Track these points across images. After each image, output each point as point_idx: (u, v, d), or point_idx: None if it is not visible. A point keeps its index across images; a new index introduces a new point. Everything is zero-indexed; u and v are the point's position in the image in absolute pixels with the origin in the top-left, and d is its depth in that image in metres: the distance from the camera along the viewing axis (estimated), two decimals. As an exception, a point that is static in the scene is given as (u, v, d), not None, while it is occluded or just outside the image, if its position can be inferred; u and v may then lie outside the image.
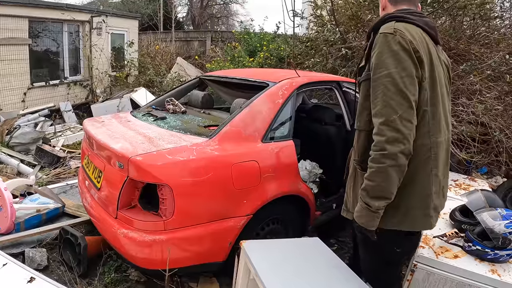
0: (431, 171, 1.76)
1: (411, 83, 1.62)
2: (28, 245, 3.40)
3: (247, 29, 11.18)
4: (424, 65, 1.67)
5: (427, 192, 1.77)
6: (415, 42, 1.66)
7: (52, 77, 8.80)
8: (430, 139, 1.73)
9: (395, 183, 1.66)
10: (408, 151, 1.62)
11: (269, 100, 3.07)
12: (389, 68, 1.63)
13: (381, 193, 1.67)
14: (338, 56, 5.71)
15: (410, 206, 1.77)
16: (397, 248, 1.92)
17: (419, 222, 1.80)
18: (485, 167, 5.02)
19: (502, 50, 4.98)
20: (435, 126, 1.74)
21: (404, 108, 1.60)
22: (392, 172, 1.62)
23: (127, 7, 20.12)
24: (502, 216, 2.54)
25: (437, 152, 1.76)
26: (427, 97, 1.70)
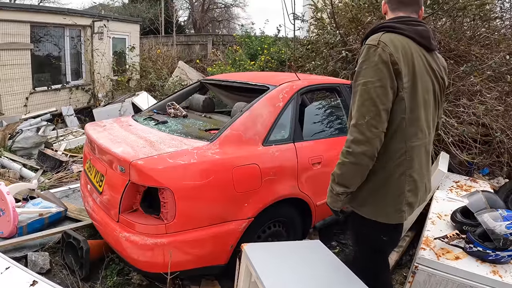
0: (405, 172, 1.88)
1: (383, 93, 1.74)
2: (31, 249, 3.41)
3: (248, 32, 11.19)
4: (402, 76, 1.77)
5: (401, 191, 1.90)
6: (397, 54, 1.76)
7: (54, 81, 8.84)
8: (406, 144, 1.85)
9: (356, 177, 1.86)
10: (370, 153, 1.77)
11: (270, 104, 3.09)
12: (366, 77, 1.76)
13: (342, 181, 1.88)
14: (338, 59, 5.72)
15: (384, 204, 1.92)
16: (384, 236, 2.05)
17: (391, 217, 1.93)
18: (487, 168, 5.01)
19: (503, 51, 4.98)
20: (412, 132, 1.86)
21: (372, 114, 1.74)
22: (353, 168, 1.82)
23: (129, 11, 20.18)
24: (503, 217, 2.54)
25: (412, 155, 1.88)
26: (405, 106, 1.81)
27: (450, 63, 5.07)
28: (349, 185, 1.88)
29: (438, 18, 5.40)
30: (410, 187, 1.91)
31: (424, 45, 1.91)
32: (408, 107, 1.81)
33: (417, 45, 1.88)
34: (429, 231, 2.94)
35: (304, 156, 3.17)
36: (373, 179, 1.91)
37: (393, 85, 1.76)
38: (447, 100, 4.68)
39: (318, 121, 3.75)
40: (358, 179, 1.87)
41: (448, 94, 4.70)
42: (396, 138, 1.84)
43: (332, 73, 5.76)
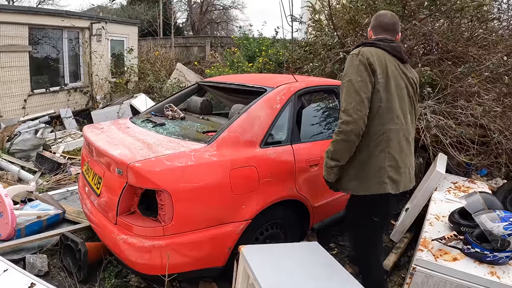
0: (384, 149, 2.33)
1: (364, 86, 2.27)
2: (29, 251, 3.41)
3: (246, 34, 11.19)
4: (377, 74, 2.30)
5: (381, 165, 2.34)
6: (372, 59, 2.31)
7: (52, 83, 8.83)
8: (383, 127, 2.32)
9: (345, 152, 2.33)
10: (356, 131, 2.24)
11: (267, 106, 3.09)
12: (351, 76, 2.30)
13: (335, 156, 2.37)
14: (336, 60, 5.72)
15: (367, 177, 2.37)
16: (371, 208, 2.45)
17: (373, 188, 2.35)
18: (485, 169, 5.02)
19: (500, 52, 4.98)
20: (388, 117, 2.33)
21: (356, 101, 2.24)
22: (343, 144, 2.29)
23: (127, 13, 20.22)
24: (501, 218, 2.56)
25: (390, 136, 2.33)
26: (381, 96, 2.31)
27: (447, 64, 5.08)
28: (339, 158, 2.36)
29: (436, 19, 5.40)
30: (390, 163, 2.34)
31: (398, 57, 2.46)
32: (383, 98, 2.31)
33: (392, 57, 2.43)
34: (427, 232, 2.94)
35: (301, 158, 3.17)
36: (358, 157, 2.36)
37: (371, 79, 2.29)
38: (445, 101, 4.68)
39: (315, 122, 3.75)
40: (347, 154, 2.34)
41: (445, 95, 4.71)
42: (375, 122, 2.32)
43: (330, 74, 5.76)
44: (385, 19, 2.57)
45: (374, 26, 2.61)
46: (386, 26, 2.55)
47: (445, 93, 4.70)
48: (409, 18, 5.15)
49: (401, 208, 4.11)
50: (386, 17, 2.59)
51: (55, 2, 24.90)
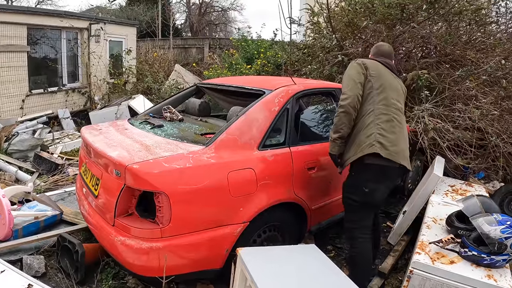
0: (373, 121, 2.80)
1: (357, 76, 2.88)
2: (26, 252, 3.40)
3: (244, 36, 11.19)
4: (369, 69, 2.91)
5: (371, 132, 2.78)
6: (366, 62, 2.98)
7: (51, 84, 8.80)
8: (374, 106, 2.83)
9: (345, 123, 2.82)
10: (352, 104, 2.78)
11: (265, 108, 3.10)
12: (347, 72, 2.97)
13: (336, 128, 2.86)
14: (334, 63, 5.74)
15: (359, 143, 2.81)
16: (368, 177, 2.85)
17: (365, 149, 2.75)
18: (482, 172, 5.04)
19: (498, 55, 5.01)
20: (379, 100, 2.85)
21: (351, 84, 2.84)
22: (343, 116, 2.81)
23: (126, 14, 20.20)
24: (498, 221, 2.57)
25: (379, 113, 2.82)
26: (372, 85, 2.88)
27: (445, 68, 5.10)
28: (341, 129, 2.84)
29: (434, 22, 5.42)
30: (379, 132, 2.76)
31: (391, 70, 3.08)
32: (375, 86, 2.87)
33: (386, 68, 3.04)
34: (424, 235, 2.95)
35: (299, 160, 3.19)
36: (353, 131, 2.87)
37: (364, 72, 2.90)
38: (442, 104, 4.70)
39: (313, 125, 3.77)
40: (347, 125, 2.82)
41: (443, 98, 4.72)
42: (368, 103, 2.86)
43: (328, 77, 5.77)
44: (383, 48, 3.23)
45: (374, 53, 3.22)
46: (383, 53, 3.18)
47: (443, 96, 4.71)
48: (407, 21, 5.16)
49: (398, 211, 4.12)
50: (384, 46, 3.27)
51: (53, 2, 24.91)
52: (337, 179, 3.35)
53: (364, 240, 2.92)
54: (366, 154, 2.75)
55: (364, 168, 2.83)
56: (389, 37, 5.27)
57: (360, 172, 2.88)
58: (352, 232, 2.96)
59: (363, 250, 2.91)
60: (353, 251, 2.95)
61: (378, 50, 3.21)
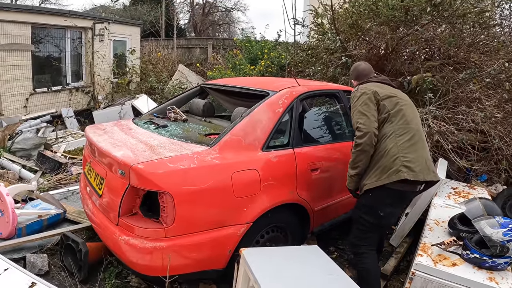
0: (396, 143, 2.69)
1: (367, 108, 2.77)
2: (29, 251, 3.42)
3: (248, 37, 11.20)
4: (378, 93, 2.83)
5: (395, 156, 2.66)
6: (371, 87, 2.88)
7: (54, 83, 8.86)
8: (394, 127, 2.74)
9: (362, 160, 2.74)
10: (369, 141, 2.68)
11: (269, 109, 3.11)
12: (355, 105, 2.85)
13: (354, 165, 2.80)
14: (338, 64, 5.74)
15: (383, 169, 2.68)
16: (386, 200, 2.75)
17: (392, 176, 2.63)
18: (485, 174, 5.03)
19: (502, 58, 5.01)
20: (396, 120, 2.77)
21: (365, 119, 2.73)
22: (360, 154, 2.72)
23: (129, 14, 20.22)
24: (500, 224, 2.57)
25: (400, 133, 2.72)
26: (387, 108, 2.79)
27: (449, 70, 5.10)
28: (357, 167, 2.77)
29: (438, 25, 5.42)
30: (403, 155, 2.65)
31: (388, 84, 3.04)
32: (389, 108, 2.79)
33: (380, 83, 3.01)
34: (427, 237, 2.96)
35: (303, 162, 3.19)
36: (374, 156, 2.74)
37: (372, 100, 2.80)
38: (446, 106, 4.70)
39: (317, 127, 3.78)
40: (365, 162, 2.74)
41: (447, 101, 4.73)
42: (386, 125, 2.77)
43: (332, 78, 5.78)
44: (362, 67, 3.21)
45: (356, 77, 3.21)
46: (367, 72, 3.17)
47: (446, 99, 4.72)
48: (411, 23, 5.16)
49: (401, 213, 4.12)
50: (361, 65, 3.24)
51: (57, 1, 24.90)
52: (340, 181, 3.36)
53: (370, 255, 2.87)
54: None
55: (384, 193, 2.71)
56: (393, 39, 5.27)
57: (379, 196, 2.74)
58: (358, 248, 2.90)
59: (371, 266, 2.85)
60: (361, 267, 2.89)
61: (359, 72, 3.20)
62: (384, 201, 2.74)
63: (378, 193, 2.72)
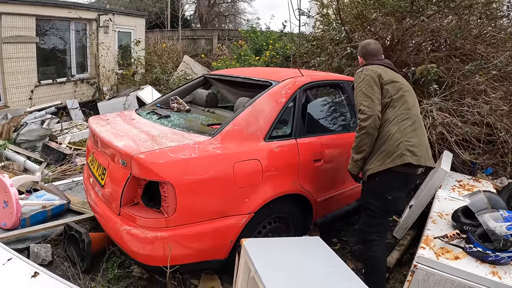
0: (399, 128, 2.72)
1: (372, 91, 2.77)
2: (33, 241, 3.45)
3: (253, 27, 11.15)
4: (382, 77, 2.83)
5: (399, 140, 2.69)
6: (376, 70, 2.87)
7: (59, 75, 8.89)
8: (396, 113, 2.76)
9: (367, 144, 2.75)
10: (373, 124, 2.69)
11: (272, 99, 3.09)
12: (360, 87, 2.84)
13: (358, 149, 2.81)
14: (343, 55, 5.70)
15: (388, 153, 2.71)
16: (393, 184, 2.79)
17: (396, 160, 2.68)
18: (490, 167, 4.99)
19: (509, 50, 4.97)
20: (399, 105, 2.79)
21: (369, 102, 2.73)
22: (364, 137, 2.73)
23: (135, 5, 20.20)
24: (504, 218, 2.54)
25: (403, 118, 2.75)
26: (390, 92, 2.80)
27: (455, 62, 5.05)
28: (363, 150, 2.78)
29: (444, 15, 5.36)
30: (406, 140, 2.69)
31: (391, 69, 3.02)
32: (392, 93, 2.80)
33: (388, 68, 2.98)
34: (430, 230, 2.93)
35: (305, 152, 3.18)
36: (377, 140, 2.76)
37: (377, 83, 2.80)
38: (451, 98, 4.66)
39: (320, 117, 3.75)
40: (369, 145, 2.75)
41: (452, 92, 4.69)
42: (389, 110, 2.78)
43: (337, 69, 5.75)
44: (372, 47, 3.15)
45: (364, 54, 3.17)
46: (375, 52, 3.13)
47: (452, 91, 4.68)
48: (417, 14, 5.11)
49: (405, 205, 4.10)
50: (371, 44, 3.18)
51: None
52: (344, 171, 3.33)
53: (380, 243, 2.89)
54: None
55: (391, 177, 2.75)
56: (399, 30, 5.22)
57: (386, 180, 2.77)
58: (368, 235, 2.90)
59: (380, 254, 2.87)
60: (370, 255, 2.88)
61: (368, 50, 3.15)
62: (392, 185, 2.78)
63: (384, 177, 2.75)
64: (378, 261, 2.85)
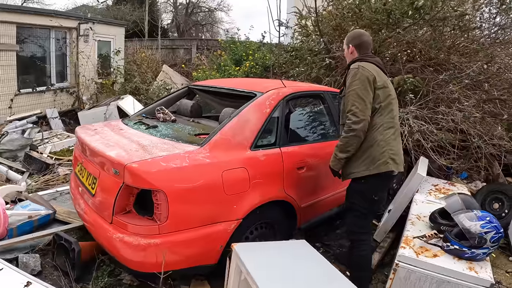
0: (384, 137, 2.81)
1: (367, 94, 2.77)
2: (21, 251, 3.43)
3: (233, 38, 11.27)
4: (376, 81, 2.82)
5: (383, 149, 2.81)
6: (371, 71, 2.83)
7: (39, 83, 8.79)
8: (382, 120, 2.83)
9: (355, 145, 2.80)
10: (363, 128, 2.75)
11: (257, 110, 3.21)
12: (355, 86, 2.80)
13: (345, 149, 2.83)
14: (322, 66, 5.86)
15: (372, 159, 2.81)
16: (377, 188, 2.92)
17: (381, 167, 2.81)
18: (465, 172, 5.21)
19: (481, 60, 5.19)
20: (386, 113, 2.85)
21: (362, 105, 2.75)
22: (352, 139, 2.77)
23: (112, 14, 20.12)
24: (478, 217, 2.73)
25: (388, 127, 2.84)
26: (380, 98, 2.83)
27: (430, 71, 5.25)
28: (349, 151, 2.83)
29: (419, 27, 5.58)
30: (390, 148, 2.82)
31: (381, 69, 2.98)
32: (381, 99, 2.83)
33: (378, 68, 2.95)
34: (409, 231, 3.10)
35: (289, 160, 3.30)
36: (363, 144, 2.82)
37: (371, 87, 2.80)
38: (426, 107, 4.85)
39: (302, 126, 3.89)
40: (355, 147, 2.81)
41: (427, 101, 4.88)
42: (376, 116, 2.83)
43: (316, 79, 5.89)
44: (367, 39, 3.10)
45: (358, 46, 3.07)
46: (367, 45, 3.08)
47: (427, 99, 4.87)
48: (393, 26, 5.30)
49: (384, 210, 4.26)
50: (365, 36, 3.12)
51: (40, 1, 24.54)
52: (325, 178, 3.50)
53: (368, 242, 3.02)
54: None
55: (376, 179, 2.85)
56: (375, 41, 5.40)
57: (372, 183, 2.87)
58: (358, 235, 3.00)
59: (368, 253, 3.00)
60: (358, 254, 2.98)
61: (362, 42, 3.07)
62: (377, 187, 2.91)
63: (371, 180, 2.85)
64: (366, 259, 2.97)
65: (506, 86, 5.14)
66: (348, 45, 3.11)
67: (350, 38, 3.13)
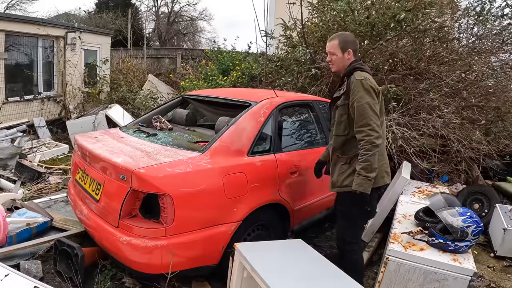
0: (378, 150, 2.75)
1: (376, 107, 2.77)
2: (21, 258, 3.49)
3: (219, 48, 11.44)
4: (379, 96, 2.86)
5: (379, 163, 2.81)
6: (374, 83, 2.84)
7: (26, 92, 8.78)
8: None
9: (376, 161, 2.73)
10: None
11: (253, 118, 3.41)
12: (367, 99, 2.75)
13: (374, 166, 2.70)
14: (307, 76, 6.05)
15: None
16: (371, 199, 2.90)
17: (379, 181, 2.90)
18: (446, 175, 5.47)
19: (459, 69, 5.43)
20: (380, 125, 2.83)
21: (375, 118, 2.73)
22: (376, 155, 2.71)
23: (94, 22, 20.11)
24: (459, 213, 3.03)
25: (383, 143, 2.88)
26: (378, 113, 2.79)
27: (411, 80, 5.49)
28: (376, 168, 2.72)
29: (400, 38, 5.81)
30: (383, 162, 2.95)
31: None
32: (379, 114, 2.80)
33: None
34: (396, 228, 3.34)
35: (283, 165, 3.51)
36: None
37: (378, 100, 2.83)
38: (408, 114, 5.08)
39: (294, 134, 4.09)
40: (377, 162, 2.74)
41: (409, 109, 5.10)
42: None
43: (301, 89, 6.06)
44: (355, 40, 3.05)
45: (355, 50, 3.00)
46: (357, 47, 3.07)
47: (408, 107, 5.08)
48: (376, 38, 5.53)
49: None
50: (353, 37, 3.07)
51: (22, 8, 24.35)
52: (316, 183, 3.71)
53: (361, 247, 3.22)
54: None
55: (374, 192, 2.89)
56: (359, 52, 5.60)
57: (371, 195, 2.83)
58: (353, 245, 3.06)
59: (359, 258, 3.14)
60: (354, 258, 3.06)
61: (356, 47, 3.02)
62: (371, 198, 2.87)
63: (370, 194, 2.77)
64: (360, 265, 3.13)
65: (483, 93, 5.39)
66: (347, 50, 2.96)
67: (348, 43, 2.97)
